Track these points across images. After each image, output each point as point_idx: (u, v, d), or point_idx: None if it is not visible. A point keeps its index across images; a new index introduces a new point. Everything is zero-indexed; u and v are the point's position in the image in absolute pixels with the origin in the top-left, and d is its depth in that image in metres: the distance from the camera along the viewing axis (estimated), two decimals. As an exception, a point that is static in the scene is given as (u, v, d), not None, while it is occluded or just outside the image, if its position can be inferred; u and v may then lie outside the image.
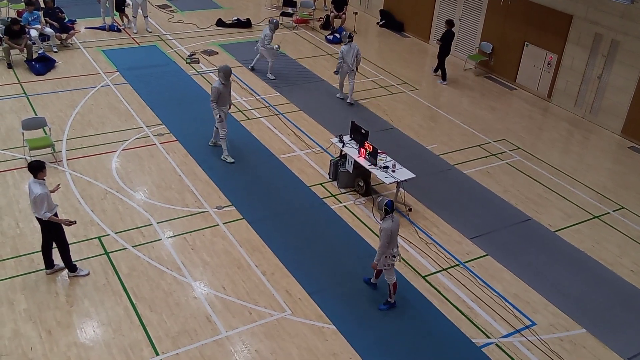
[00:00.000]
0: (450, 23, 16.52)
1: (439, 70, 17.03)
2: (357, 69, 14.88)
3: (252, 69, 16.48)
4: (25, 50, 15.45)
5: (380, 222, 8.60)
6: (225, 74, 11.64)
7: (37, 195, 8.21)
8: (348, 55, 14.54)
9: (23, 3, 17.20)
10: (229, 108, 12.21)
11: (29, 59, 15.47)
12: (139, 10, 18.30)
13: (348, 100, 15.04)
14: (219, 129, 12.05)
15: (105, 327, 8.24)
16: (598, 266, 10.26)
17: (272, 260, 9.71)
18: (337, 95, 15.36)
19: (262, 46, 15.86)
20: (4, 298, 8.57)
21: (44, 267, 9.02)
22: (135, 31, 18.42)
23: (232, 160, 12.11)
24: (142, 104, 14.22)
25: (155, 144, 12.62)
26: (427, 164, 12.71)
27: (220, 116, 11.80)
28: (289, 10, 20.68)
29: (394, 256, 8.58)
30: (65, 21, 17.36)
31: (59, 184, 8.90)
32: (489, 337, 8.64)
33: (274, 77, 16.08)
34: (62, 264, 9.00)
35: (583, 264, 10.29)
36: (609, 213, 11.70)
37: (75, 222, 8.80)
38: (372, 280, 9.26)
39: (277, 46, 16.07)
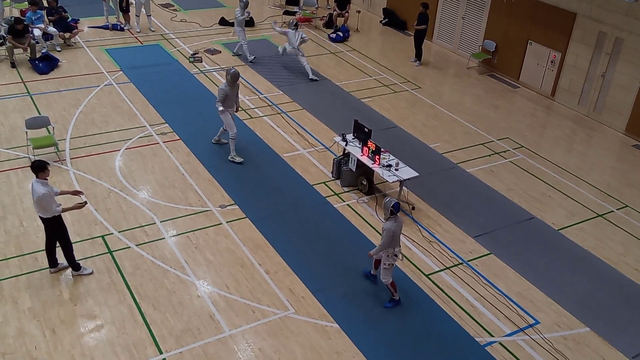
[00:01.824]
0: (425, 6, 17.11)
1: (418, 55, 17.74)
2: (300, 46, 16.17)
3: (236, 54, 17.31)
4: (28, 49, 15.48)
5: (384, 222, 8.60)
6: (233, 77, 11.62)
7: (42, 195, 8.22)
8: (293, 38, 15.96)
9: (26, 2, 17.23)
10: (236, 110, 12.30)
11: (32, 58, 15.50)
12: (142, 9, 18.31)
13: (311, 77, 16.05)
14: (228, 130, 12.05)
15: (109, 326, 8.26)
16: (602, 265, 10.24)
17: (275, 259, 9.72)
18: (279, 49, 16.75)
19: (236, 27, 16.74)
20: (8, 297, 8.60)
21: (47, 265, 9.04)
22: (138, 30, 18.44)
23: (241, 159, 12.11)
24: (146, 102, 14.24)
25: (158, 143, 12.63)
26: (430, 162, 12.69)
27: (222, 109, 11.83)
28: (292, 9, 20.67)
29: (396, 255, 8.58)
30: (68, 20, 17.38)
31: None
32: (492, 336, 8.63)
33: (253, 57, 16.83)
34: (65, 263, 9.02)
35: (587, 262, 10.26)
36: (612, 211, 11.67)
37: (86, 203, 8.80)
38: (372, 272, 9.27)
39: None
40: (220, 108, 11.77)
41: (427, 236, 10.55)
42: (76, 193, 9.00)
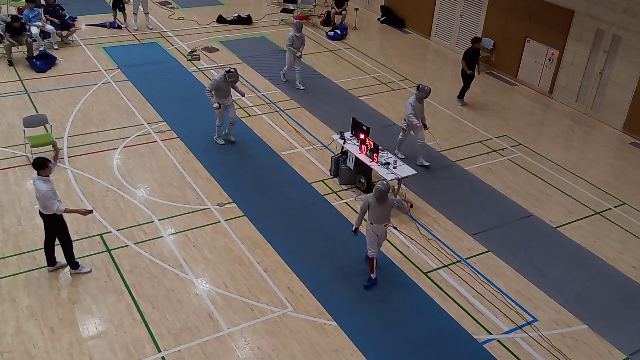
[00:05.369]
0: (476, 40, 15.17)
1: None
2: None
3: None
4: (25, 46, 15.43)
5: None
6: (231, 76, 12.09)
7: (44, 192, 8.20)
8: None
9: (24, 0, 17.19)
10: (242, 95, 12.93)
11: (29, 57, 15.46)
12: (140, 7, 18.27)
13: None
14: (217, 118, 12.45)
15: (107, 324, 8.27)
16: (599, 262, 10.26)
17: (273, 257, 9.73)
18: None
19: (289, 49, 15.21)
20: (7, 295, 8.59)
21: (46, 264, 9.03)
22: (135, 28, 18.41)
23: (223, 142, 12.61)
24: (143, 101, 14.23)
25: (156, 141, 12.62)
26: (428, 160, 12.68)
27: (218, 104, 12.18)
28: (290, 6, 20.64)
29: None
30: (65, 18, 17.36)
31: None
32: (490, 333, 8.65)
33: (303, 87, 15.39)
34: (64, 262, 9.01)
35: (584, 260, 10.28)
36: (610, 209, 11.69)
37: (92, 212, 8.85)
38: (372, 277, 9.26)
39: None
40: (209, 96, 12.12)
41: (425, 234, 10.56)
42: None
